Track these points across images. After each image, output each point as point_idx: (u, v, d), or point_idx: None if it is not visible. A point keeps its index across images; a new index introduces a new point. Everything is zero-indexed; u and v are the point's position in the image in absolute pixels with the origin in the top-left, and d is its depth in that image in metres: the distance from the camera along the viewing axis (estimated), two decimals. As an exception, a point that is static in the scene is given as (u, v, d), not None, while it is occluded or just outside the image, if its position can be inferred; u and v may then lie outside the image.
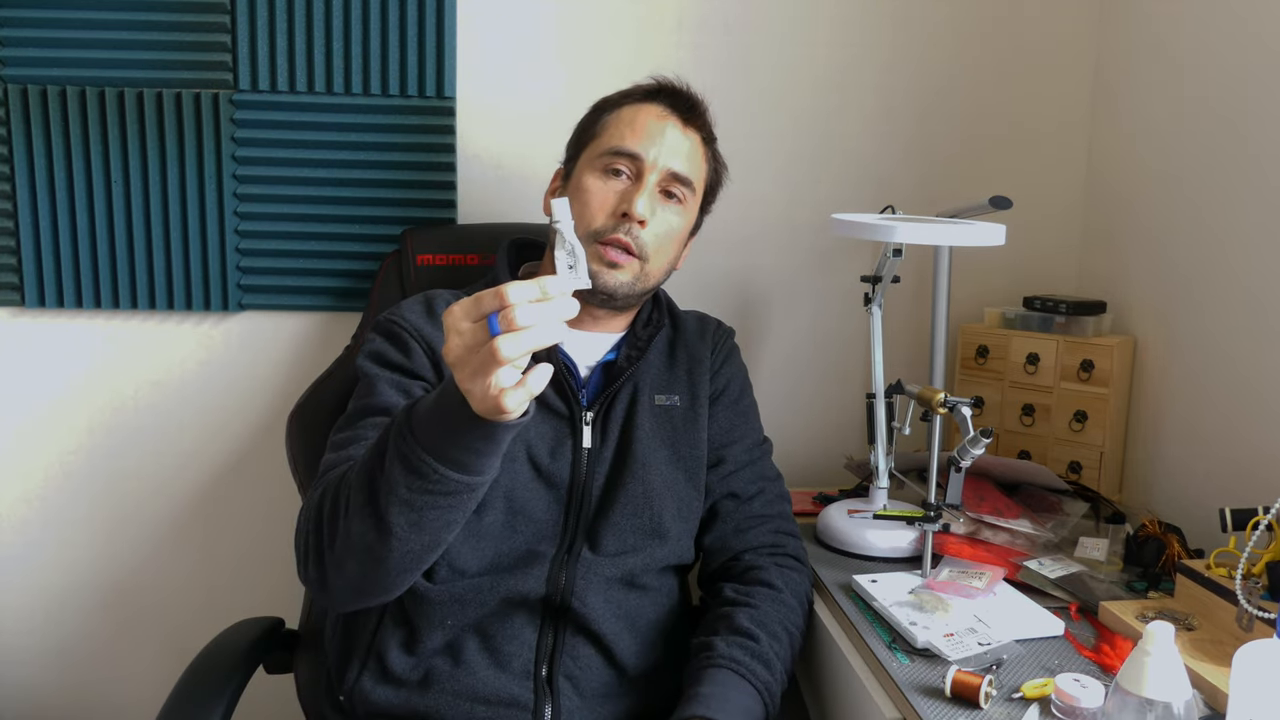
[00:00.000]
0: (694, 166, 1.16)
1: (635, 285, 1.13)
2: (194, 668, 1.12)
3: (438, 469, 0.84)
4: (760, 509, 1.19)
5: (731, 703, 0.97)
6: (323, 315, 1.53)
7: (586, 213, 1.11)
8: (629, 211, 1.09)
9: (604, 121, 1.16)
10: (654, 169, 1.12)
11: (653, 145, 1.12)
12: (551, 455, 1.10)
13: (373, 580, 0.94)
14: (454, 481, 0.86)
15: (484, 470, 0.87)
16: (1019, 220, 1.45)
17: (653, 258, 1.13)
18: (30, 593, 1.55)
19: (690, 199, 1.16)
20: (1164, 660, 0.76)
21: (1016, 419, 1.54)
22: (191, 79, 1.42)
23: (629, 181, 1.12)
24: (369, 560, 0.91)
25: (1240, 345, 1.29)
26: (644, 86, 1.18)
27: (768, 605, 1.09)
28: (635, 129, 1.13)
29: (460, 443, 0.84)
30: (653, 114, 1.14)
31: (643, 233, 1.11)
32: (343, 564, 0.93)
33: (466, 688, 1.04)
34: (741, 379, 1.26)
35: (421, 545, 0.91)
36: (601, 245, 1.10)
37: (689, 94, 1.17)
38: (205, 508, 1.56)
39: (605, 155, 1.13)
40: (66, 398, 1.51)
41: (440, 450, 0.84)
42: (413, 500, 0.87)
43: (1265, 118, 1.25)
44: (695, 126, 1.16)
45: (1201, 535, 1.27)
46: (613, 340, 1.19)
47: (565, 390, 1.12)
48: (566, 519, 1.10)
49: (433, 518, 0.89)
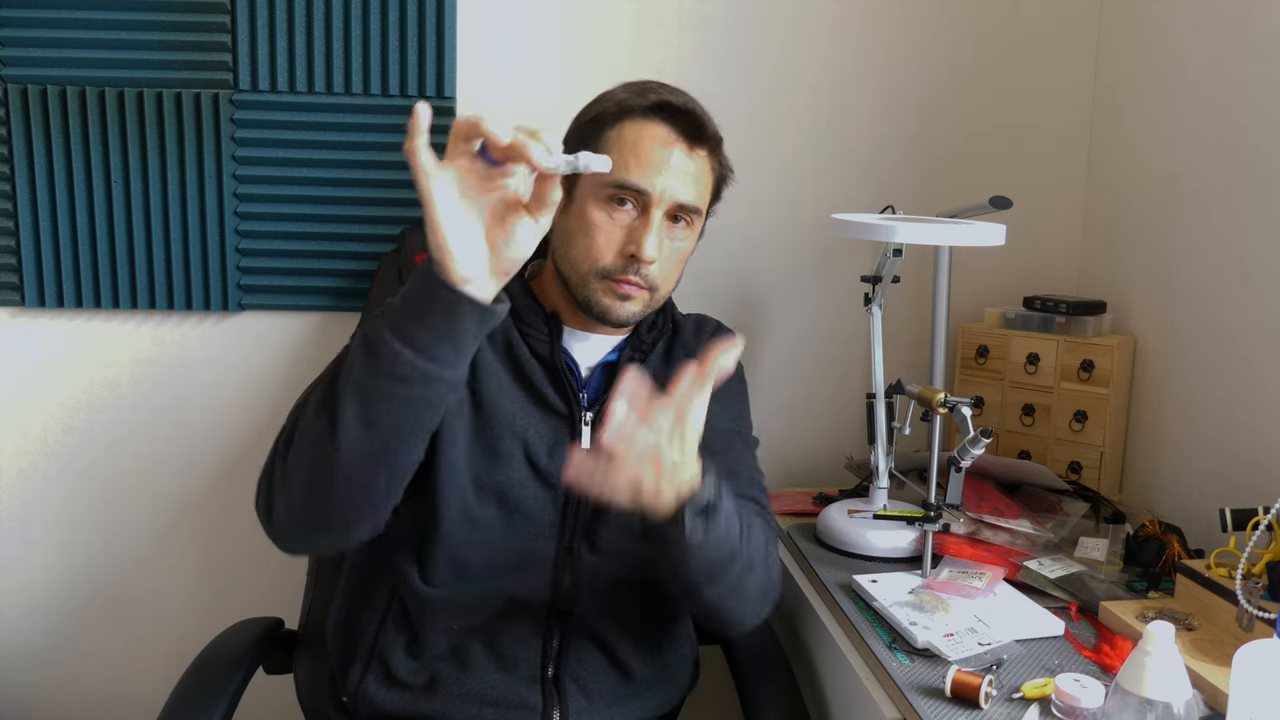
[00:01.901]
0: (701, 191, 1.11)
1: (646, 310, 1.12)
2: (194, 668, 1.12)
3: (392, 344, 0.84)
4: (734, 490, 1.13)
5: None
6: (322, 315, 1.53)
7: (594, 248, 1.07)
8: (638, 254, 1.05)
9: (606, 138, 1.09)
10: (660, 203, 1.06)
11: (659, 176, 1.05)
12: (550, 454, 1.10)
13: (318, 498, 0.91)
14: (407, 363, 0.84)
15: (440, 358, 0.85)
16: (1019, 220, 1.45)
17: (662, 285, 1.11)
18: (30, 592, 1.55)
19: (697, 220, 1.12)
20: (1164, 660, 0.77)
21: (1016, 419, 1.54)
22: (191, 79, 1.42)
23: (634, 212, 1.07)
24: (316, 467, 0.89)
25: (1240, 345, 1.29)
26: (645, 102, 1.08)
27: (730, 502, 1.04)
28: (640, 157, 1.05)
29: (421, 316, 0.84)
30: (657, 138, 1.07)
31: (651, 269, 1.07)
32: (290, 477, 0.91)
33: (474, 691, 1.04)
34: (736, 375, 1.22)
35: (369, 447, 0.87)
36: (613, 282, 1.07)
37: (694, 113, 1.09)
38: (205, 508, 1.56)
39: (611, 186, 1.07)
40: (66, 398, 1.51)
41: (400, 326, 0.84)
42: (366, 385, 0.86)
43: (1265, 117, 1.25)
44: (701, 143, 1.10)
45: (1201, 535, 1.27)
46: (615, 341, 1.18)
47: (566, 390, 1.11)
48: (564, 518, 1.10)
49: (382, 410, 0.86)
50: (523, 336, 1.12)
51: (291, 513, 0.93)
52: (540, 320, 1.13)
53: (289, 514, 0.93)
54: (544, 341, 1.12)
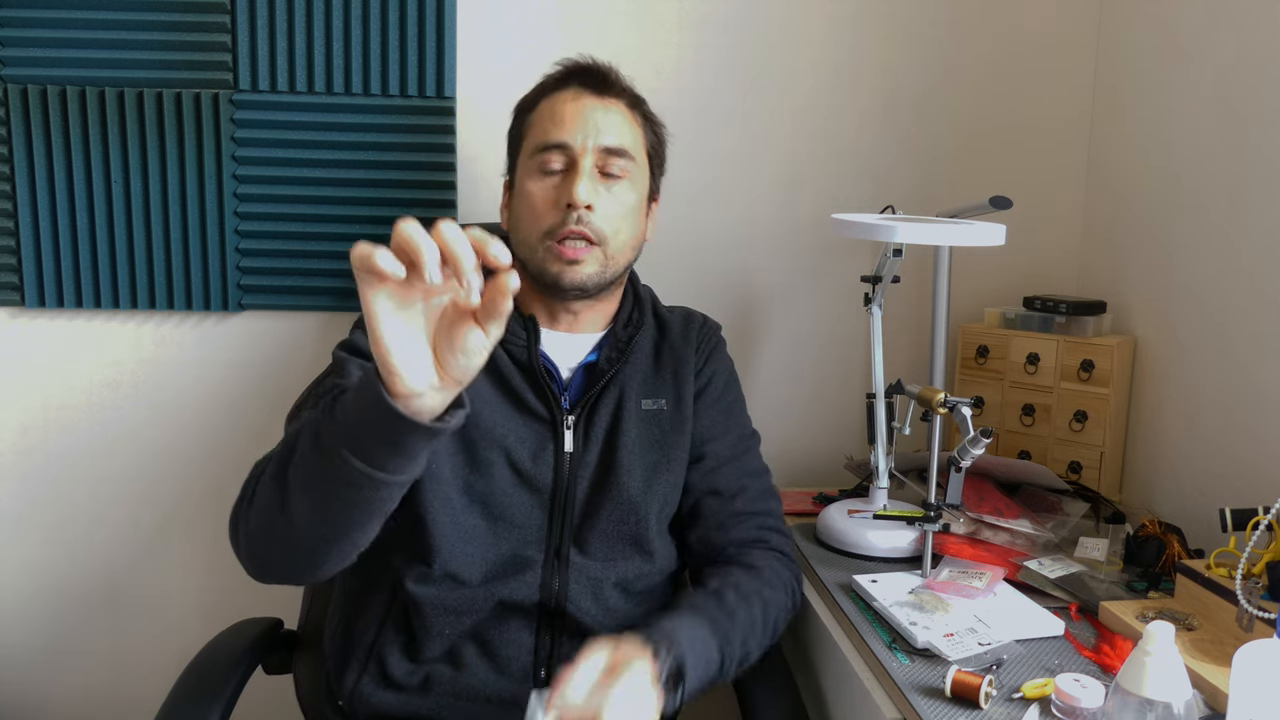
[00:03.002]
0: (625, 135, 1.13)
1: (605, 273, 1.11)
2: (193, 668, 1.12)
3: (340, 451, 0.79)
4: (743, 506, 1.16)
5: (686, 633, 0.95)
6: (322, 315, 1.53)
7: (533, 215, 1.10)
8: (571, 201, 1.07)
9: (527, 121, 1.15)
10: (585, 152, 1.09)
11: (577, 130, 1.10)
12: (533, 459, 1.10)
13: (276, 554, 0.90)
14: (356, 470, 0.79)
15: (390, 468, 0.80)
16: (1019, 220, 1.45)
17: (611, 239, 1.10)
18: (30, 593, 1.55)
19: (634, 170, 1.13)
20: (1164, 660, 0.76)
21: (1016, 419, 1.54)
22: (191, 79, 1.42)
23: (565, 173, 1.10)
24: (271, 530, 0.88)
25: (1240, 345, 1.29)
26: (554, 75, 1.16)
27: (741, 575, 1.07)
28: (556, 119, 1.11)
29: (368, 429, 0.79)
30: (568, 99, 1.12)
31: (593, 217, 1.09)
32: (252, 525, 0.91)
33: (467, 690, 1.04)
34: (726, 373, 1.23)
35: (321, 534, 0.86)
36: (557, 244, 1.08)
37: (597, 66, 1.15)
38: (205, 507, 1.56)
39: (536, 155, 1.11)
40: (67, 398, 1.51)
41: (349, 432, 0.80)
42: (314, 483, 0.83)
43: (1266, 117, 1.25)
44: (613, 95, 1.14)
45: (1201, 535, 1.27)
46: (593, 340, 1.17)
47: (546, 393, 1.11)
48: (551, 524, 1.10)
49: (333, 510, 0.84)
50: (500, 343, 1.12)
51: (254, 555, 0.93)
52: (518, 325, 1.12)
53: (253, 555, 0.93)
54: (522, 346, 1.11)
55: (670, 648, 0.91)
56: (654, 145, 1.18)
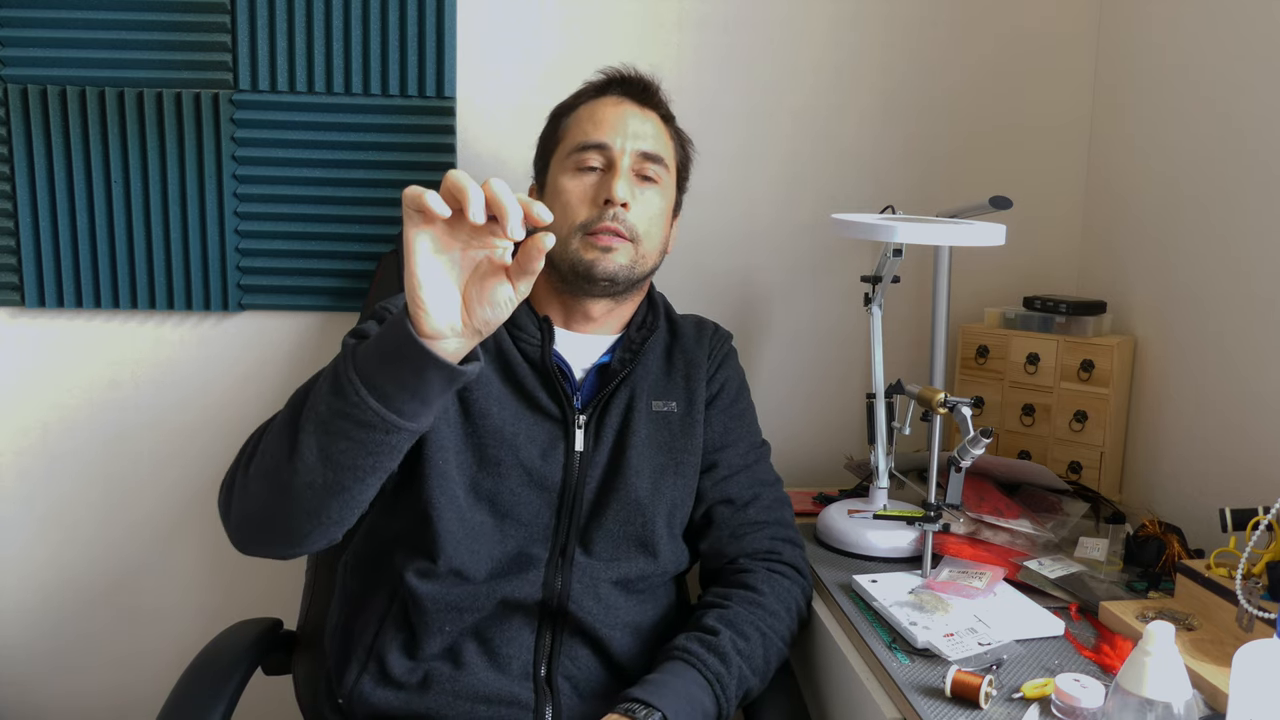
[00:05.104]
0: (661, 144, 1.17)
1: (634, 268, 1.13)
2: (193, 668, 1.12)
3: (358, 389, 0.83)
4: (756, 515, 1.18)
5: (670, 688, 0.97)
6: (322, 315, 1.53)
7: (568, 210, 1.12)
8: (610, 198, 1.10)
9: (565, 125, 1.18)
10: (624, 154, 1.13)
11: (617, 133, 1.13)
12: (543, 457, 1.10)
13: (271, 514, 0.91)
14: (371, 410, 0.84)
15: (405, 411, 0.85)
16: (1019, 220, 1.45)
17: (644, 239, 1.13)
18: (30, 593, 1.55)
19: (665, 177, 1.17)
20: (1164, 660, 0.76)
21: (1016, 419, 1.54)
22: (191, 79, 1.42)
23: (602, 173, 1.13)
24: (272, 486, 0.89)
25: (1240, 345, 1.29)
26: (594, 83, 1.20)
27: (740, 606, 1.08)
28: (596, 122, 1.14)
29: (388, 367, 0.83)
30: (610, 104, 1.16)
31: (628, 215, 1.12)
32: (248, 489, 0.92)
33: (467, 688, 1.04)
34: (738, 382, 1.25)
35: (324, 482, 0.88)
36: (591, 235, 1.11)
37: (639, 78, 1.19)
38: (205, 507, 1.56)
39: (574, 154, 1.14)
40: (67, 398, 1.51)
41: (367, 372, 0.84)
42: (328, 423, 0.85)
43: (1265, 118, 1.25)
44: (652, 106, 1.18)
45: (1201, 535, 1.27)
46: (608, 343, 1.18)
47: (558, 392, 1.11)
48: (558, 522, 1.10)
49: (341, 451, 0.86)
50: (514, 340, 1.12)
51: (246, 521, 0.94)
52: (532, 323, 1.13)
53: (243, 521, 0.95)
54: (535, 345, 1.12)
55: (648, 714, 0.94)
56: (682, 161, 1.23)
